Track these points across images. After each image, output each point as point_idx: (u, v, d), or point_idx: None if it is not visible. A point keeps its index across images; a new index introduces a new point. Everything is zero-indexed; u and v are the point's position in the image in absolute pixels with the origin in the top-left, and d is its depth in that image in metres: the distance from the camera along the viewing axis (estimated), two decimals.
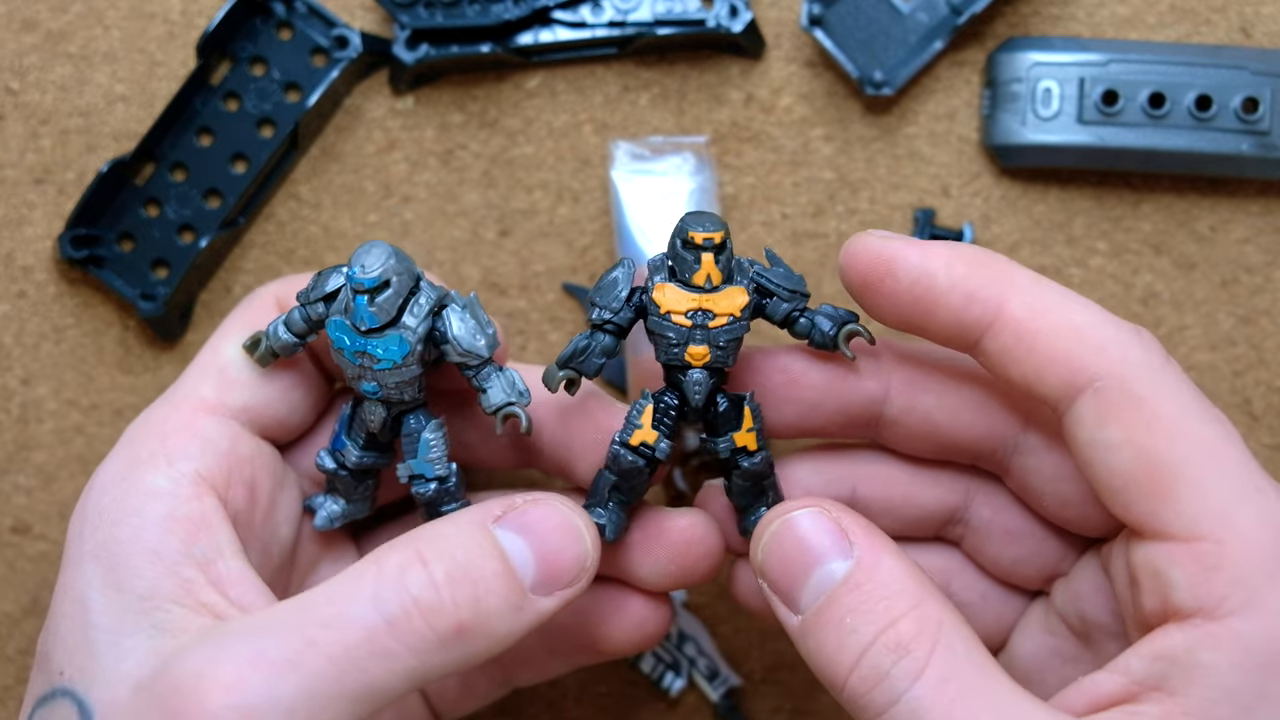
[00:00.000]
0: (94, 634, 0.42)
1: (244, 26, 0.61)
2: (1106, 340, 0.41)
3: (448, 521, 0.44)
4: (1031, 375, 0.42)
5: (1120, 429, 0.41)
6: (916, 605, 0.41)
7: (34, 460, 0.63)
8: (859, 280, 0.44)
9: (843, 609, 0.41)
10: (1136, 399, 0.41)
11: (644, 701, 0.62)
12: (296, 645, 0.40)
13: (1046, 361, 0.42)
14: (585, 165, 0.62)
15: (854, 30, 0.60)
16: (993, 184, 0.62)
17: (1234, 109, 0.58)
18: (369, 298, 0.44)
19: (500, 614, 0.42)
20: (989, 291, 0.42)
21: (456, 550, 0.42)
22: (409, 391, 0.47)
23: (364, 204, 0.62)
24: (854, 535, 0.43)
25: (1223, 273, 0.61)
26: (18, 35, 0.63)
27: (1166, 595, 0.40)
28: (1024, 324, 0.42)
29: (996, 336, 0.42)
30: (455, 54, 0.60)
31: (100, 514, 0.44)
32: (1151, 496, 0.40)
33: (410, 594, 0.41)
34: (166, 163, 0.62)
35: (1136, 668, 0.40)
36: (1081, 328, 0.42)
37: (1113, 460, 0.41)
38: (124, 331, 0.63)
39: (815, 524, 0.43)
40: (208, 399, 0.47)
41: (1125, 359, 0.41)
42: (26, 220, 0.63)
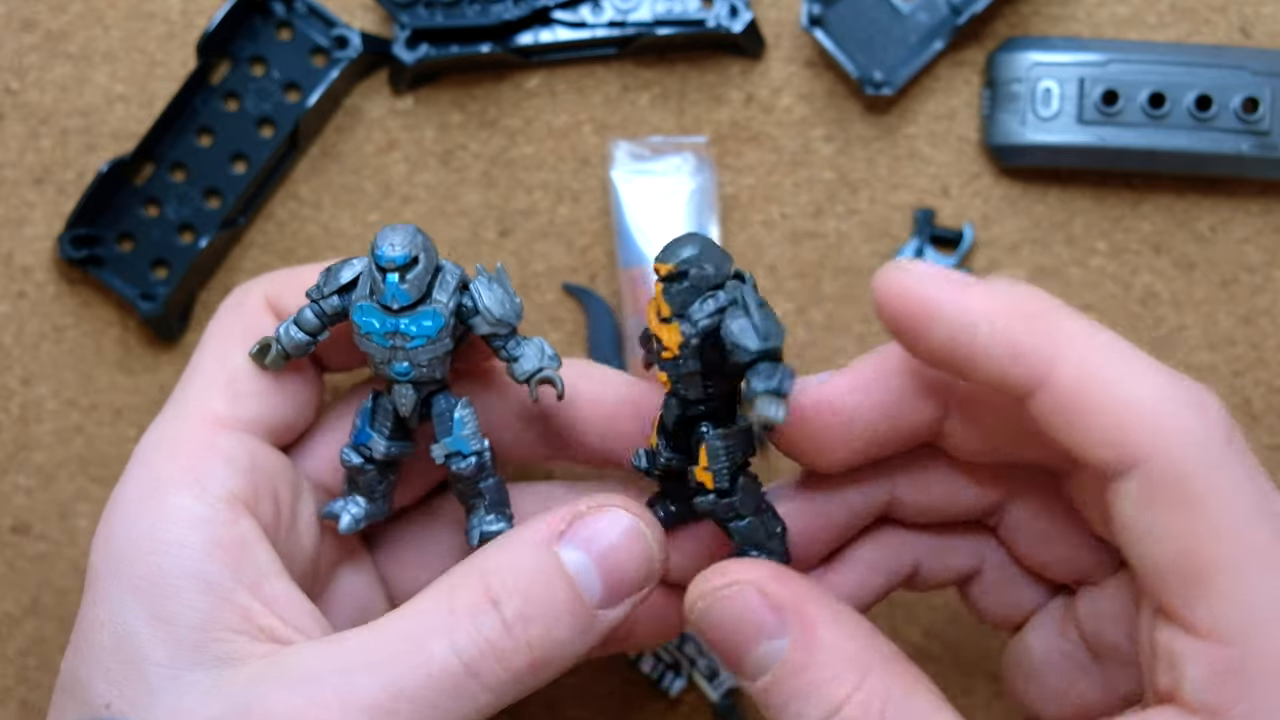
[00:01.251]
0: (147, 668, 0.41)
1: (244, 26, 0.61)
2: (1163, 419, 0.38)
3: (511, 547, 0.43)
4: (1079, 445, 0.39)
5: (1163, 520, 0.38)
6: (859, 684, 0.40)
7: (34, 460, 0.63)
8: (894, 325, 0.41)
9: (787, 693, 0.40)
10: (1185, 492, 0.38)
11: (644, 701, 0.62)
12: (389, 690, 0.40)
13: (1096, 435, 0.38)
14: (585, 165, 0.62)
15: (854, 30, 0.60)
16: (993, 184, 0.62)
17: (1234, 109, 0.58)
18: (400, 275, 0.44)
19: (570, 641, 0.42)
20: (1038, 353, 0.39)
21: (524, 583, 0.42)
22: (440, 369, 0.46)
23: (364, 204, 0.62)
24: (786, 611, 0.41)
25: (1223, 273, 0.61)
26: (17, 35, 0.63)
27: (1179, 685, 0.38)
28: (1073, 394, 0.38)
29: (1043, 401, 0.39)
30: (455, 54, 0.60)
31: (134, 544, 0.43)
32: (1185, 589, 0.38)
33: (486, 639, 0.41)
34: (166, 163, 0.62)
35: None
36: (1137, 403, 0.38)
37: (1151, 547, 0.38)
38: (124, 331, 0.63)
39: (745, 600, 0.41)
40: (221, 414, 0.46)
41: (1181, 443, 0.38)
42: (26, 220, 0.63)
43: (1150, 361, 0.39)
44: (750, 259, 0.62)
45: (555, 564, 0.43)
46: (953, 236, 0.61)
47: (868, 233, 0.62)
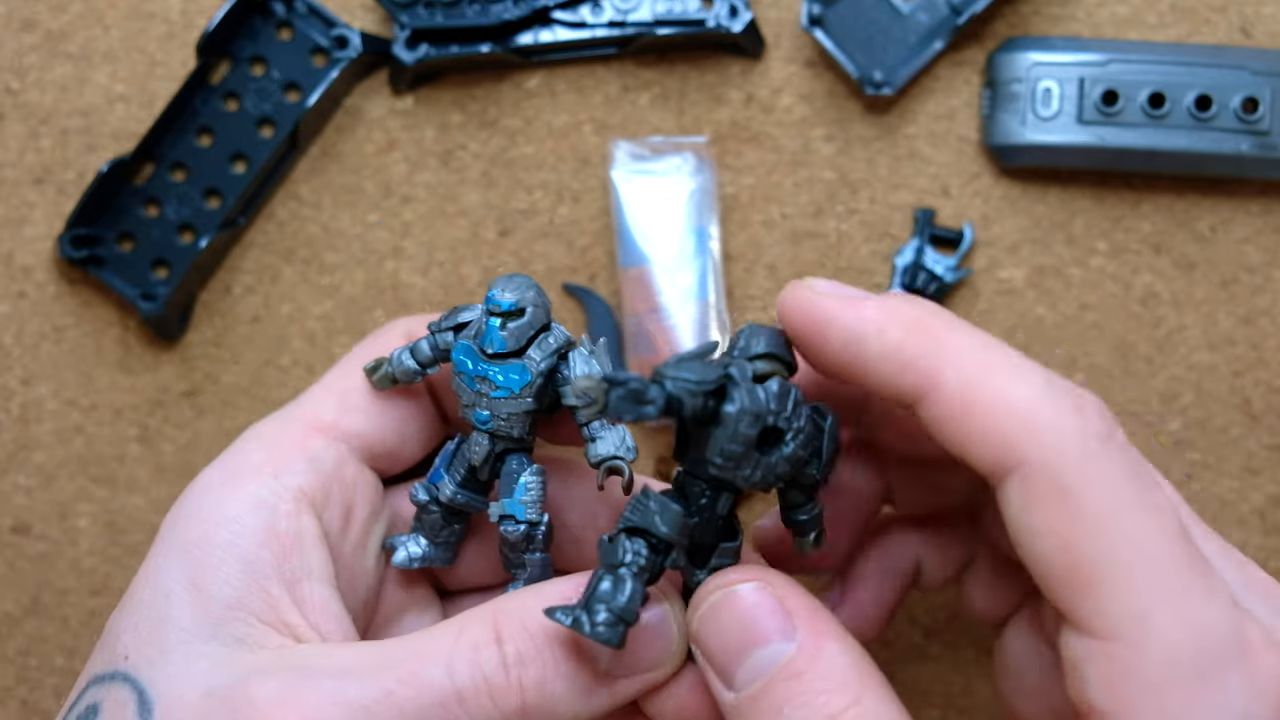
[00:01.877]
0: (169, 629, 0.42)
1: (244, 26, 0.61)
2: (1041, 421, 0.39)
3: (533, 592, 0.43)
4: (964, 450, 0.40)
5: (1044, 518, 0.38)
6: (856, 701, 0.39)
7: (34, 460, 0.63)
8: (793, 334, 0.43)
9: (780, 697, 0.40)
10: (1063, 488, 0.38)
11: None
12: (375, 694, 0.40)
13: (977, 439, 0.39)
14: (585, 165, 0.62)
15: (854, 30, 0.60)
16: (993, 184, 0.62)
17: (1234, 109, 0.58)
18: (502, 321, 0.45)
19: (566, 698, 0.42)
20: (924, 361, 0.40)
21: (531, 627, 0.42)
22: (518, 427, 0.46)
23: (364, 204, 0.62)
24: (798, 617, 0.41)
25: (1223, 273, 0.61)
26: (17, 35, 0.63)
27: (1082, 690, 0.38)
28: (956, 398, 0.39)
29: (930, 407, 0.40)
30: (455, 54, 0.60)
31: (199, 512, 0.44)
32: (1072, 589, 0.38)
33: (482, 671, 0.41)
34: (166, 163, 0.62)
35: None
36: (1015, 406, 0.39)
37: (1037, 547, 0.39)
38: (124, 331, 0.63)
39: (759, 600, 0.41)
40: (323, 419, 0.47)
41: (1058, 443, 0.39)
42: (26, 220, 0.63)
43: (1034, 368, 0.40)
44: (750, 259, 0.62)
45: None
46: (953, 236, 0.61)
47: (868, 233, 0.62)
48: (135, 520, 0.63)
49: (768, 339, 0.42)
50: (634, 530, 0.42)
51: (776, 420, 0.41)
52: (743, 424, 0.40)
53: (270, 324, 0.63)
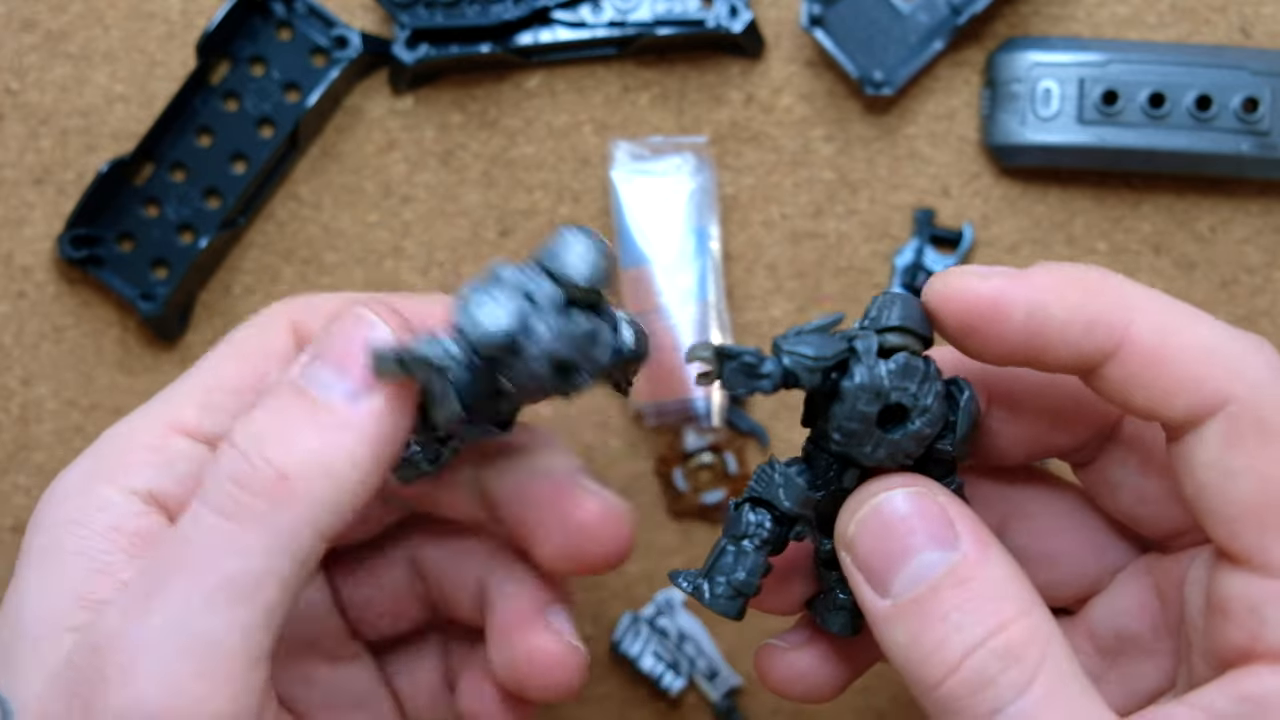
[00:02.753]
0: (20, 633, 0.41)
1: (243, 26, 0.61)
2: (1242, 363, 0.39)
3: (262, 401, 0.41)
4: (1159, 400, 0.39)
5: (1248, 457, 0.38)
6: (1027, 611, 0.38)
7: (34, 460, 0.63)
8: (961, 326, 0.40)
9: (947, 603, 0.38)
10: (1266, 425, 0.38)
11: (644, 702, 0.62)
12: (162, 597, 0.38)
13: (1176, 386, 0.39)
14: (585, 165, 0.62)
15: (854, 30, 0.60)
16: (992, 184, 0.62)
17: (1234, 109, 0.58)
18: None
19: (321, 444, 0.39)
20: (1112, 316, 0.39)
21: (257, 415, 0.40)
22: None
23: (364, 204, 0.62)
24: (961, 525, 0.39)
25: (1223, 273, 0.61)
26: (17, 35, 0.63)
27: (1260, 632, 0.38)
28: (1152, 348, 0.39)
29: (1123, 363, 0.39)
30: (455, 54, 0.60)
31: (49, 520, 0.43)
32: (1267, 528, 0.38)
33: (227, 476, 0.39)
34: (166, 163, 0.62)
35: (1220, 706, 0.38)
36: (1214, 349, 0.39)
37: (1232, 486, 0.38)
38: (124, 332, 0.63)
39: (920, 506, 0.40)
40: (186, 421, 0.44)
41: (1260, 382, 0.39)
42: (26, 220, 0.63)
43: (1208, 315, 0.40)
44: (750, 259, 0.62)
45: (290, 387, 0.40)
46: (953, 236, 0.61)
47: (868, 233, 0.62)
48: None
49: (901, 310, 0.40)
50: (758, 501, 0.41)
51: (901, 398, 0.39)
52: (861, 401, 0.39)
53: None
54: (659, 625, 0.61)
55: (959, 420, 0.41)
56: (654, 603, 0.61)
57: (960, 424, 0.41)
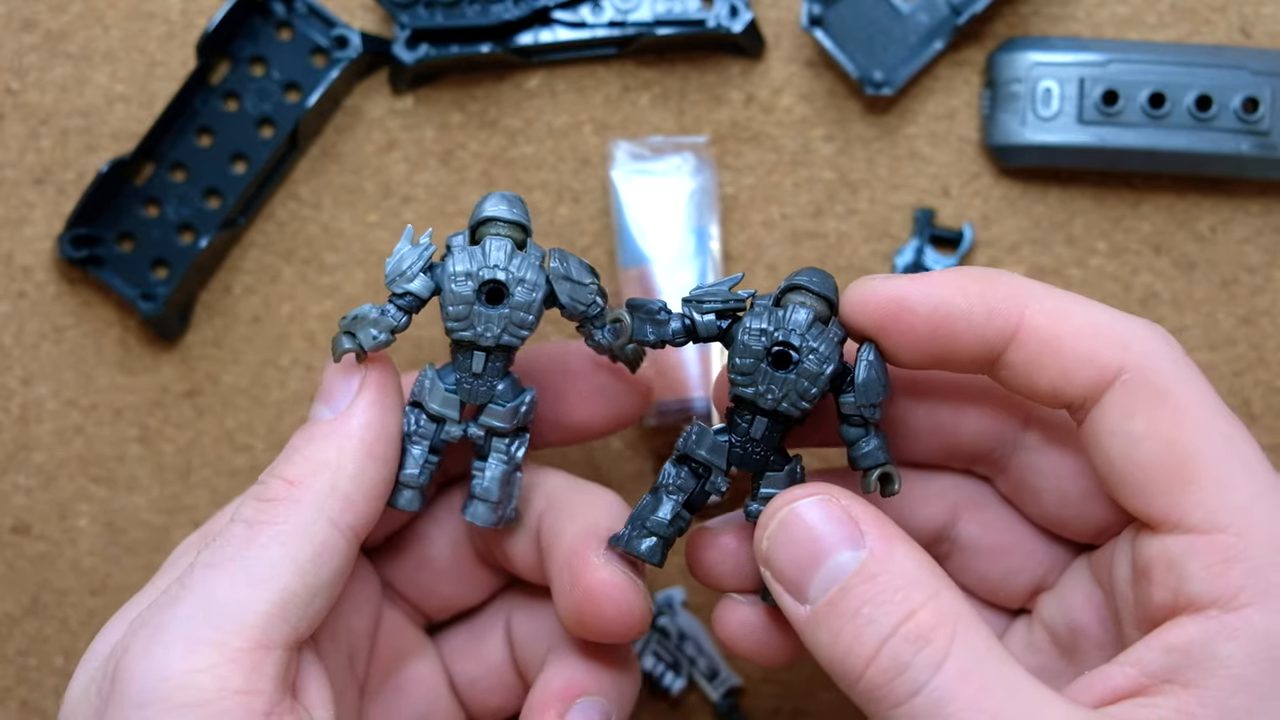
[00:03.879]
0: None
1: (244, 26, 0.61)
2: (1130, 336, 0.42)
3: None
4: (1058, 378, 0.42)
5: (1146, 421, 0.41)
6: (934, 595, 0.40)
7: (34, 460, 0.63)
8: (874, 324, 0.44)
9: (858, 599, 0.40)
10: (1162, 392, 0.41)
11: (644, 701, 0.62)
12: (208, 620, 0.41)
13: (1072, 362, 0.42)
14: (585, 165, 0.62)
15: (854, 30, 0.60)
16: (992, 184, 0.62)
17: (1234, 109, 0.58)
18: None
19: (317, 448, 0.45)
20: (1007, 304, 0.42)
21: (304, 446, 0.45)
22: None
23: (364, 204, 0.62)
24: (864, 524, 0.41)
25: (1223, 273, 0.61)
26: (17, 35, 0.63)
27: (1180, 587, 0.40)
28: (1047, 329, 0.42)
29: (1022, 346, 0.42)
30: (455, 54, 0.60)
31: (138, 699, 0.41)
32: (1174, 487, 0.40)
33: (250, 495, 0.44)
34: (166, 163, 0.62)
35: (1148, 660, 0.40)
36: (1103, 326, 0.42)
37: (1136, 452, 0.41)
38: (124, 331, 0.63)
39: (824, 512, 0.42)
40: (271, 638, 0.42)
41: (1150, 353, 0.41)
42: (26, 220, 0.63)
43: (1098, 302, 0.43)
44: (750, 259, 0.62)
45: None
46: (953, 236, 0.61)
47: (868, 233, 0.62)
48: (135, 520, 0.63)
49: (808, 274, 0.44)
50: (681, 459, 0.45)
51: (788, 337, 0.43)
52: (748, 337, 0.43)
53: (270, 324, 0.63)
54: (659, 625, 0.61)
55: (857, 370, 0.43)
56: (654, 603, 0.61)
57: (859, 373, 0.43)
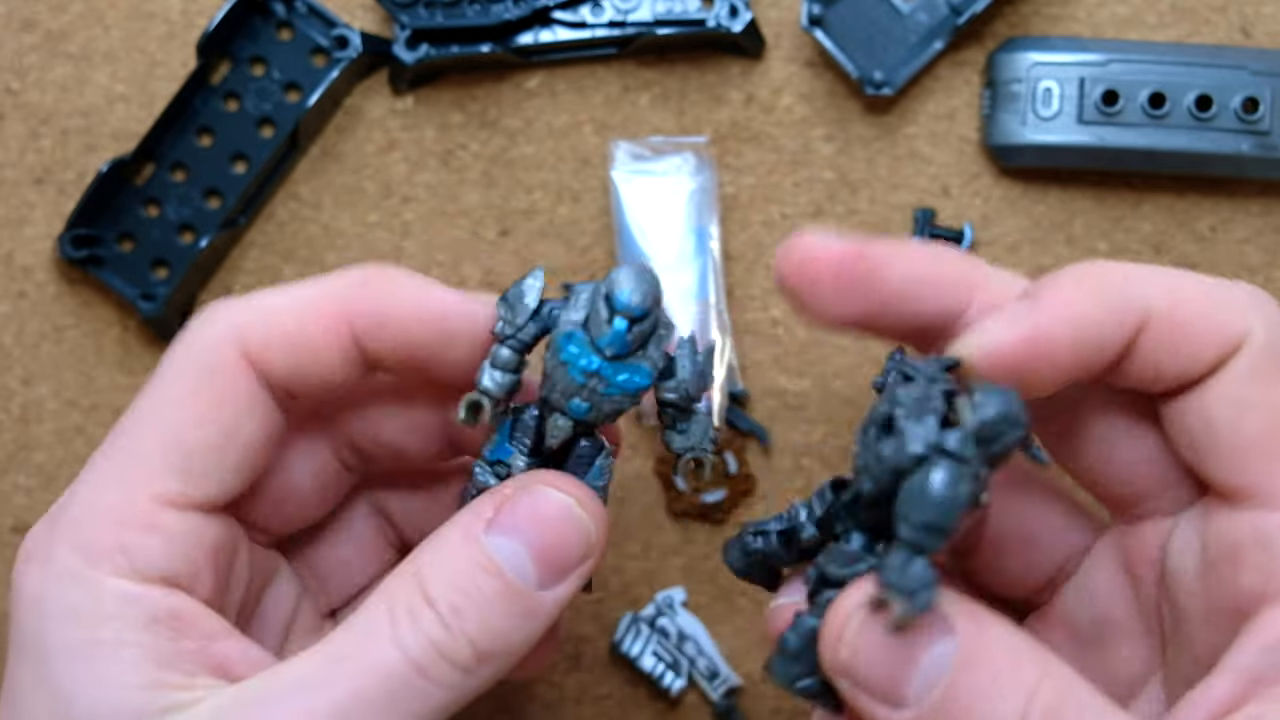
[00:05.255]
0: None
1: (244, 26, 0.61)
2: (1250, 302, 0.40)
3: (443, 541, 0.43)
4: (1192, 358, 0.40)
5: (1263, 388, 0.39)
6: (1046, 670, 0.37)
7: (34, 460, 0.63)
8: (821, 281, 0.42)
9: (966, 693, 0.36)
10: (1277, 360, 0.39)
11: (644, 702, 0.62)
12: (343, 695, 0.40)
13: (1205, 336, 0.40)
14: (585, 165, 0.62)
15: (854, 30, 0.60)
16: (993, 184, 0.62)
17: (1234, 109, 0.58)
18: (630, 325, 0.42)
19: (512, 629, 0.42)
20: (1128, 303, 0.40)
21: (454, 577, 0.42)
22: (612, 419, 0.45)
23: (364, 204, 0.62)
24: (945, 606, 0.37)
25: (1223, 273, 0.61)
26: (17, 35, 0.63)
27: (1275, 568, 0.37)
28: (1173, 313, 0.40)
29: (1154, 334, 0.40)
30: (455, 54, 0.60)
31: (67, 614, 0.41)
32: (1275, 458, 0.38)
33: (428, 636, 0.41)
34: (166, 163, 0.62)
35: (1252, 662, 0.37)
36: (1222, 297, 0.40)
37: (1244, 419, 0.39)
38: (124, 332, 0.63)
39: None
40: (171, 494, 0.43)
41: (1273, 319, 0.40)
42: (26, 220, 0.63)
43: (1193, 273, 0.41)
44: (751, 259, 0.62)
45: (483, 553, 0.42)
46: (953, 236, 0.61)
47: (868, 232, 0.61)
48: None
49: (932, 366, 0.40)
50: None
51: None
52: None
53: None
54: (659, 625, 0.61)
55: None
56: (654, 603, 0.61)
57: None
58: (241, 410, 0.44)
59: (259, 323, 0.44)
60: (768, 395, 0.61)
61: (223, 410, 0.44)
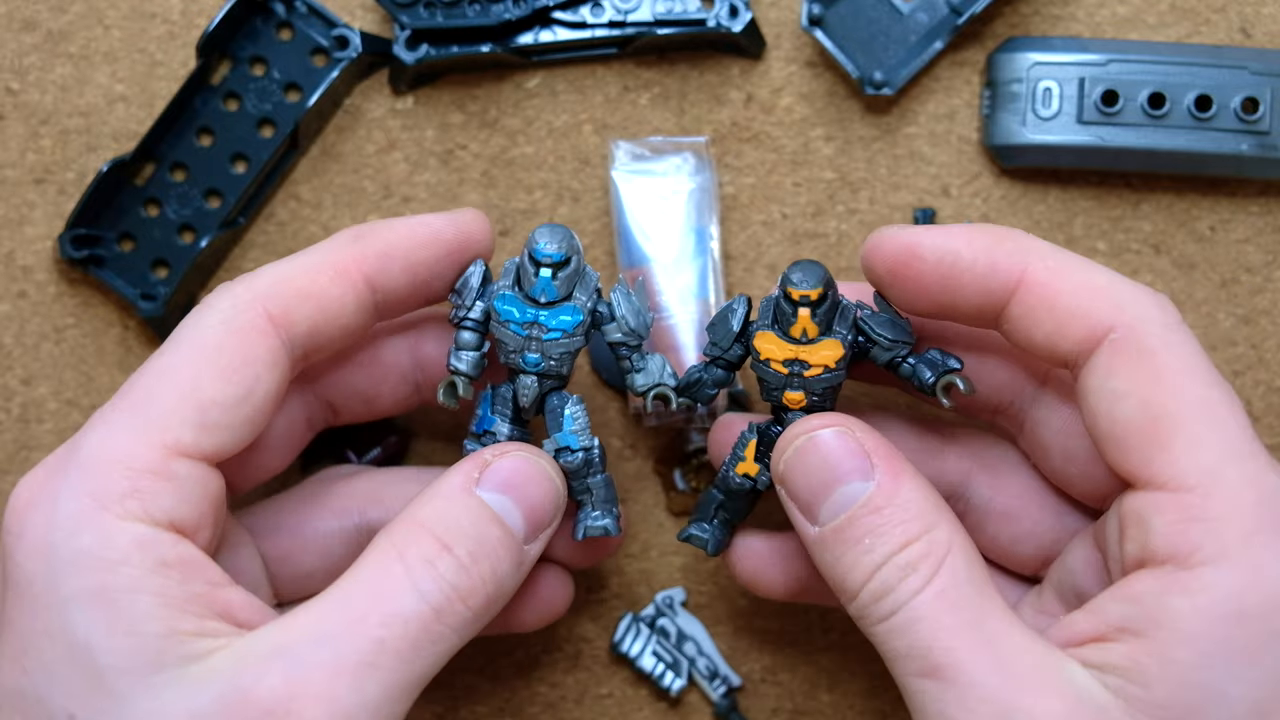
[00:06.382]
0: (111, 676, 0.41)
1: (244, 26, 0.61)
2: (1124, 298, 0.44)
3: (439, 498, 0.46)
4: (1054, 333, 0.44)
5: (1128, 379, 0.43)
6: (929, 529, 0.44)
7: (34, 460, 0.63)
8: (885, 269, 0.46)
9: (862, 529, 0.44)
10: (1147, 352, 0.43)
11: (644, 702, 0.62)
12: (368, 647, 0.42)
13: (1067, 318, 0.44)
14: (585, 165, 0.62)
15: (854, 30, 0.60)
16: (993, 184, 0.62)
17: (1234, 109, 0.58)
18: (554, 271, 0.48)
19: (511, 575, 0.46)
20: (1011, 259, 0.45)
21: (466, 526, 0.45)
22: (567, 365, 0.50)
23: (364, 204, 0.62)
24: (876, 458, 0.45)
25: (1223, 273, 0.61)
26: (18, 35, 0.63)
27: (1145, 541, 0.42)
28: (1046, 285, 0.44)
29: (1020, 300, 0.45)
30: (455, 54, 0.60)
31: (78, 558, 0.42)
32: (1148, 445, 0.42)
33: (449, 581, 0.44)
34: (166, 163, 0.62)
35: (1110, 610, 0.42)
36: (1100, 286, 0.44)
37: (1117, 409, 0.43)
38: (124, 331, 0.63)
39: (840, 443, 0.45)
40: (185, 444, 0.44)
41: (1141, 315, 0.43)
42: (27, 220, 0.63)
43: (1102, 266, 0.45)
44: (750, 259, 0.62)
45: (485, 507, 0.46)
46: None
47: (868, 233, 0.61)
48: None
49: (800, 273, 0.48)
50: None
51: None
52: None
53: None
54: (659, 625, 0.61)
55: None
56: (654, 603, 0.61)
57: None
58: (262, 368, 0.46)
59: (280, 285, 0.47)
60: None
61: (246, 367, 0.46)
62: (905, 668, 0.43)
